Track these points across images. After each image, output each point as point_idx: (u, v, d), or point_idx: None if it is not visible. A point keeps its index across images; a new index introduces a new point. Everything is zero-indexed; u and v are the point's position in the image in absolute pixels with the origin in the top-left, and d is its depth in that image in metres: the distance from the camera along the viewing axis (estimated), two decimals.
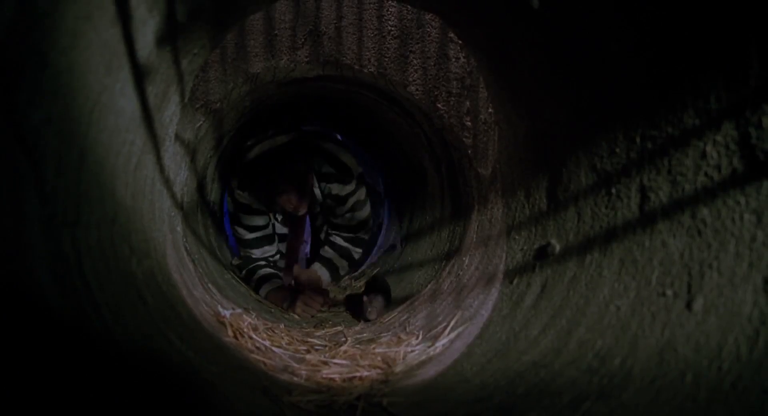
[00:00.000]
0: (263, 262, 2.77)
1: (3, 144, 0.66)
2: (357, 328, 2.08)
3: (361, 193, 2.83)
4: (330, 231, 2.98)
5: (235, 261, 2.85)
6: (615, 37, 0.96)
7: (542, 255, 1.24)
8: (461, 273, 1.90)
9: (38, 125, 0.73)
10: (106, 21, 0.84)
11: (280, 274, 2.78)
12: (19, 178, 0.70)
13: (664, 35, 0.86)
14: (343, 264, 2.94)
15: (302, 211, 2.65)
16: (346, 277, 3.08)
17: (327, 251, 2.93)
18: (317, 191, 2.77)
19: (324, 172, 2.74)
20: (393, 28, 2.03)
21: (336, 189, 2.76)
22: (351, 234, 2.92)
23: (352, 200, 2.80)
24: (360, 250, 3.00)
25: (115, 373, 0.81)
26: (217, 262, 2.47)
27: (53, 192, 0.78)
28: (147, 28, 0.98)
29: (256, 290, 2.63)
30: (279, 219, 2.88)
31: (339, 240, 2.93)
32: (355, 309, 2.33)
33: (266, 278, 2.67)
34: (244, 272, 2.73)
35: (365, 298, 2.18)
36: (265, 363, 1.46)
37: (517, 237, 1.44)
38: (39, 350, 0.67)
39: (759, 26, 0.70)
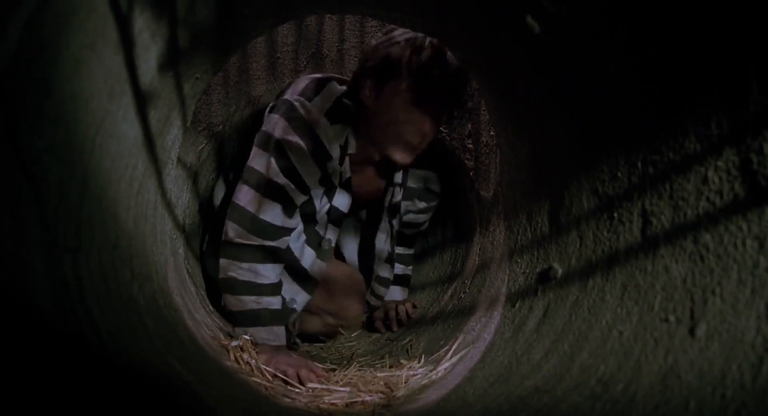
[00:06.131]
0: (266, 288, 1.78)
1: (5, 171, 0.67)
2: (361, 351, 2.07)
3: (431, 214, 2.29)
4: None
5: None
6: (616, 62, 0.97)
7: (544, 278, 1.23)
8: (463, 296, 1.90)
9: (41, 152, 0.73)
10: (110, 49, 0.85)
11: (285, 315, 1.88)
12: (21, 205, 0.70)
13: (664, 60, 0.86)
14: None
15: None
16: None
17: (401, 268, 2.36)
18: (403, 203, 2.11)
19: (410, 187, 2.10)
20: None
21: (420, 213, 2.20)
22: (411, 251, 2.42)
23: (426, 223, 2.29)
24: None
25: (114, 398, 0.80)
26: None
27: (55, 218, 0.78)
28: (150, 55, 0.99)
29: (238, 322, 1.77)
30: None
31: (407, 259, 2.41)
32: None
33: (265, 316, 1.76)
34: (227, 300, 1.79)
35: None
36: (266, 388, 1.45)
37: (519, 260, 1.44)
38: (38, 374, 0.67)
39: (758, 52, 0.71)
